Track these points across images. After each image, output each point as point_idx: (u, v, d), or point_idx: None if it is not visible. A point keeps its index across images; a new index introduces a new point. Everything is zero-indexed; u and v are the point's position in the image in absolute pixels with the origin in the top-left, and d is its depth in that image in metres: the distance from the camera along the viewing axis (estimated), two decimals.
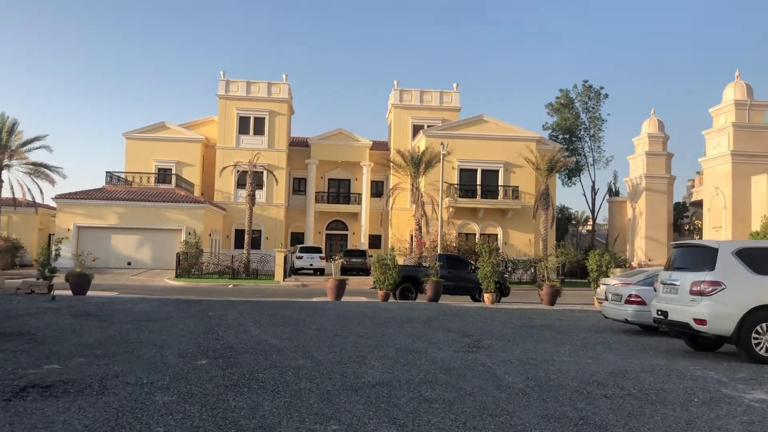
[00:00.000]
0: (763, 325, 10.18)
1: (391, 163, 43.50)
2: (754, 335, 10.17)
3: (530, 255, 41.51)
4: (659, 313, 11.29)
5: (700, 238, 42.36)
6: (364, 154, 50.73)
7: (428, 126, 46.59)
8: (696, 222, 44.30)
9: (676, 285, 11.03)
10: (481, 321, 16.27)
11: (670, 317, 11.01)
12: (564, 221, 56.81)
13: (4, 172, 38.50)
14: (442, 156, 36.37)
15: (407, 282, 24.27)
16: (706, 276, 10.42)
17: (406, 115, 50.32)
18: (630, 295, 14.43)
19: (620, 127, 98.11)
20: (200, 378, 7.97)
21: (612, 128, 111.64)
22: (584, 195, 55.88)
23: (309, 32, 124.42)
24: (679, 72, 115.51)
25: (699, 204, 47.31)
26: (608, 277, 23.50)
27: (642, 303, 14.21)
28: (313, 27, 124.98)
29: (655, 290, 11.98)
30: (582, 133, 54.98)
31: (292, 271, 40.07)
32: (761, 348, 10.20)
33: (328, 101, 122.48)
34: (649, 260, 43.53)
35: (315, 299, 23.22)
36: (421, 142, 43.35)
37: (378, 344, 11.32)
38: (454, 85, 51.41)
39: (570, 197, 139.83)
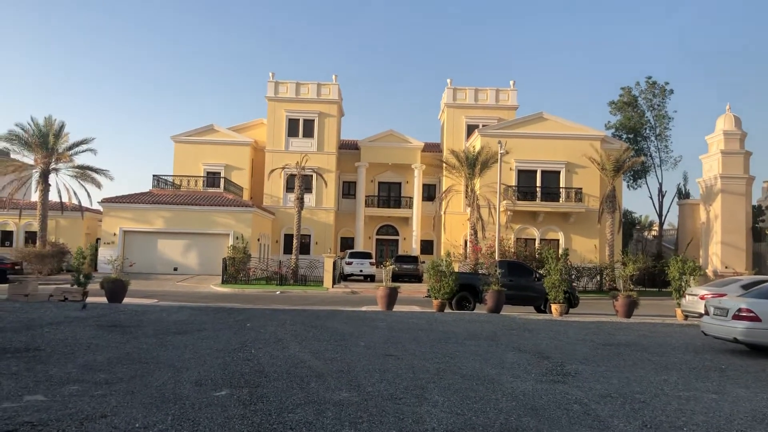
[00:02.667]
0: None
1: (444, 165, 41.38)
2: None
3: (595, 262, 38.71)
4: None
5: None
6: (416, 156, 48.76)
7: (483, 126, 44.25)
8: None
9: None
10: (555, 337, 14.09)
11: None
12: (628, 226, 53.61)
13: (51, 176, 37.94)
14: (500, 155, 34.10)
15: (464, 291, 22.19)
16: None
17: (459, 115, 48.13)
18: (740, 309, 12.01)
19: (689, 126, 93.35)
20: (212, 419, 6.11)
21: (680, 127, 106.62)
22: (650, 198, 52.49)
23: (359, 33, 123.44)
24: (754, 63, 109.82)
25: None
26: (688, 286, 20.91)
27: (756, 319, 11.79)
28: (363, 28, 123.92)
29: None
30: (647, 132, 51.76)
31: (341, 277, 38.36)
32: None
33: (378, 103, 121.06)
34: (726, 267, 40.20)
35: (364, 308, 21.38)
36: (477, 142, 41.12)
37: (439, 368, 9.31)
38: (511, 82, 48.97)
39: (632, 201, 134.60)
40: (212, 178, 47.25)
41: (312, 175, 43.44)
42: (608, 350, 12.14)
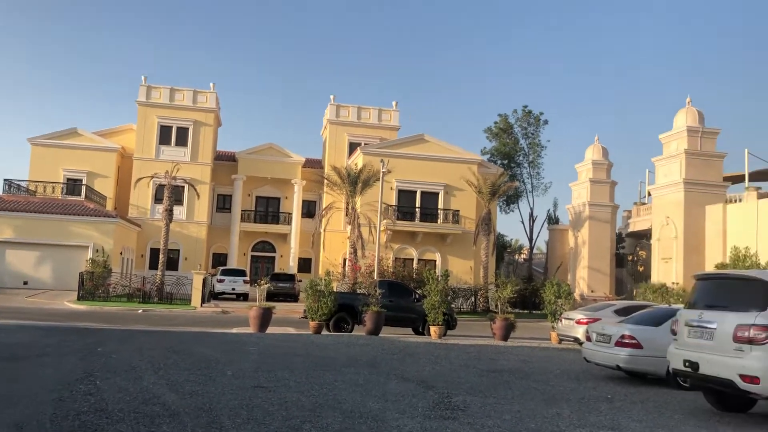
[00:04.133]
0: None
1: (326, 181, 40.64)
2: None
3: (469, 283, 39.19)
4: (687, 364, 8.69)
5: (643, 268, 41.02)
6: (296, 171, 47.56)
7: (365, 144, 43.90)
8: (641, 253, 43.16)
9: (710, 329, 8.47)
10: (438, 363, 13.43)
11: (703, 371, 8.43)
12: (500, 249, 55.02)
13: None
14: (381, 174, 33.69)
15: (343, 311, 21.24)
16: (757, 318, 7.91)
17: (342, 132, 47.53)
18: (623, 336, 11.85)
19: (559, 154, 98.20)
20: None
21: (551, 155, 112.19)
22: (522, 222, 54.24)
23: (241, 43, 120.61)
24: (618, 98, 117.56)
25: (636, 235, 46.39)
26: (563, 310, 21.13)
27: (638, 346, 11.67)
28: (244, 37, 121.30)
29: (674, 333, 9.40)
30: (521, 159, 53.59)
31: (211, 295, 36.30)
32: None
33: (259, 116, 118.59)
34: (592, 291, 41.95)
35: (235, 330, 19.93)
36: (359, 160, 40.66)
37: (316, 403, 8.26)
38: (394, 103, 49.10)
39: (504, 224, 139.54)
40: (73, 185, 43.72)
41: (183, 186, 41.08)
42: (493, 378, 11.59)
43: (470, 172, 40.14)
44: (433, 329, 20.45)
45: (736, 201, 32.69)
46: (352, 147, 46.28)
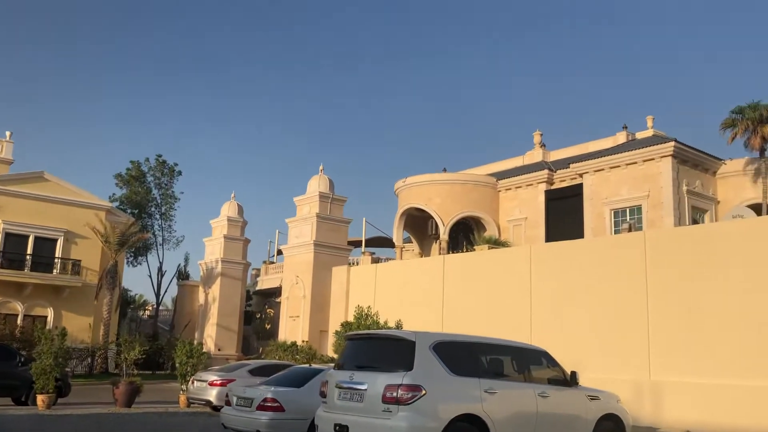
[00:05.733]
0: None
1: None
2: None
3: (88, 342, 35.35)
4: (337, 428, 8.45)
5: (270, 326, 41.89)
6: None
7: None
8: (269, 311, 44.01)
9: (360, 390, 8.40)
10: None
11: None
12: (124, 304, 51.32)
13: None
14: None
15: None
16: (404, 378, 8.07)
17: None
18: (265, 399, 11.30)
19: (195, 209, 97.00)
20: None
21: (187, 209, 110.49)
22: (150, 276, 51.43)
23: None
24: (255, 158, 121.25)
25: (264, 293, 47.57)
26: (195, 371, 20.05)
27: (280, 409, 11.24)
28: None
29: (323, 395, 9.13)
30: (153, 209, 51.27)
31: None
32: None
33: None
34: (219, 349, 41.25)
35: None
36: None
37: None
38: (8, 133, 42.39)
39: (129, 278, 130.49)
40: None
41: None
42: None
43: (97, 219, 36.74)
44: (40, 398, 17.42)
45: (355, 264, 35.83)
46: None
